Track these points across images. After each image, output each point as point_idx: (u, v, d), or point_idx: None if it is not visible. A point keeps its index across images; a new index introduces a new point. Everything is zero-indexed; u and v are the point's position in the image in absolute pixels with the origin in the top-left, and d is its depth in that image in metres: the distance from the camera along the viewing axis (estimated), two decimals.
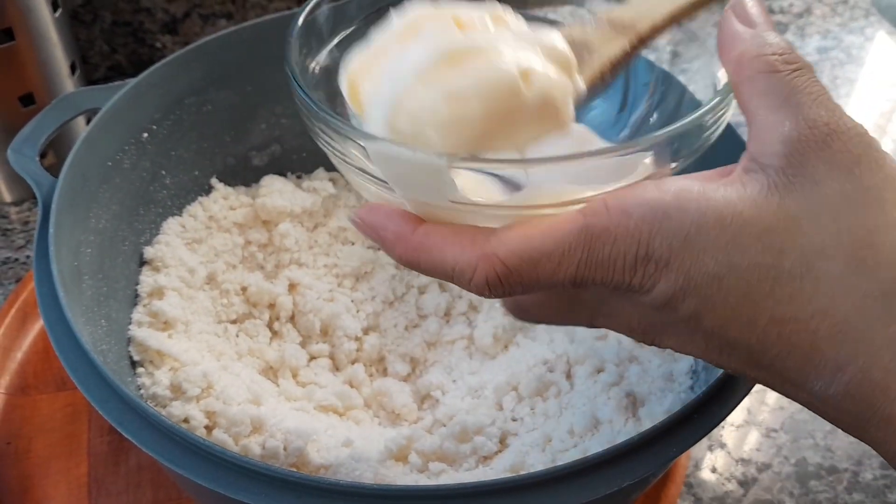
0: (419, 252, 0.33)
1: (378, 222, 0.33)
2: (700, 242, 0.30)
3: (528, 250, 0.31)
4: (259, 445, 0.47)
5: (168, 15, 0.78)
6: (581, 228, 0.31)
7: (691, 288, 0.30)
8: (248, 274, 0.58)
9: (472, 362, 0.57)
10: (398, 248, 0.33)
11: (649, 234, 0.30)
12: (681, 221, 0.30)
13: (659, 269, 0.30)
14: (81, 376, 0.39)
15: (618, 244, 0.30)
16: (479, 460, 0.50)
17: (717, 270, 0.30)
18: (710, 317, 0.30)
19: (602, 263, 0.31)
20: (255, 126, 0.61)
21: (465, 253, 0.32)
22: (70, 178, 0.47)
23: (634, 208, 0.30)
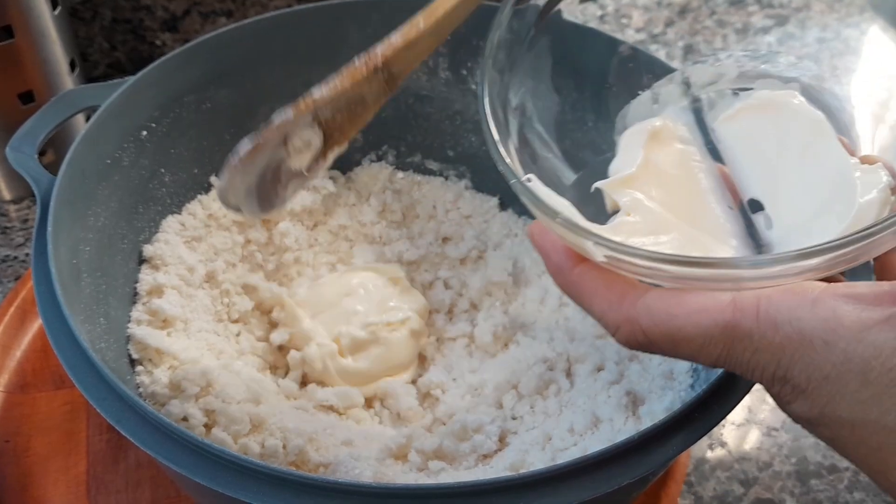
0: (572, 289, 0.35)
1: (545, 248, 0.35)
2: (838, 388, 0.28)
3: (671, 329, 0.31)
4: (258, 444, 0.47)
5: (168, 12, 0.78)
6: (725, 325, 0.30)
7: (824, 422, 0.30)
8: (250, 274, 0.58)
9: (472, 360, 0.57)
10: (556, 278, 0.35)
11: (790, 359, 0.29)
12: (824, 358, 0.28)
13: (795, 393, 0.30)
14: (79, 374, 0.39)
15: (758, 355, 0.30)
16: (479, 459, 0.49)
17: (852, 419, 0.29)
18: (842, 450, 0.30)
19: (740, 365, 0.31)
20: (255, 124, 0.59)
21: (611, 310, 0.33)
22: (69, 176, 0.47)
23: (783, 325, 0.29)
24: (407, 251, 0.62)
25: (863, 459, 0.29)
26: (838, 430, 0.29)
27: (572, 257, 0.34)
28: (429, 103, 0.63)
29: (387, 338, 0.55)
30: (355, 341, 0.55)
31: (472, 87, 0.63)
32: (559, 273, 0.35)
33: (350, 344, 0.55)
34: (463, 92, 0.63)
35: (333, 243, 0.62)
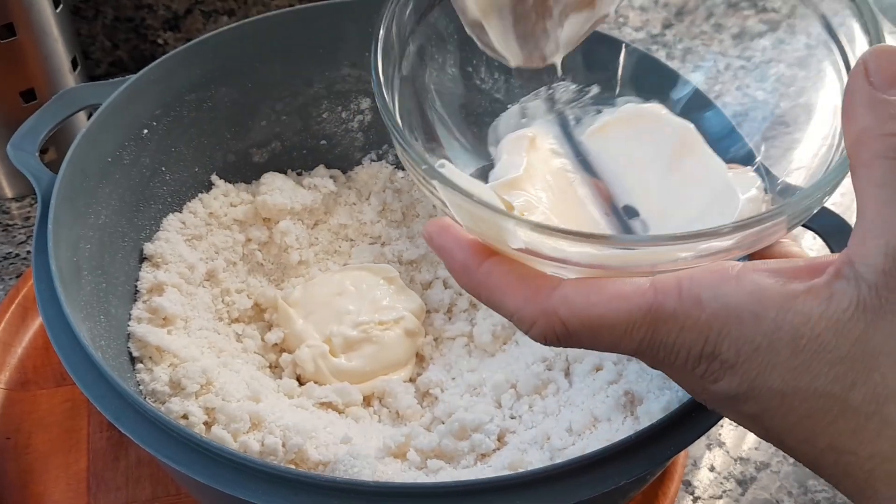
0: (480, 288, 0.33)
1: (447, 246, 0.33)
2: (769, 357, 0.28)
3: (591, 317, 0.30)
4: (258, 442, 0.47)
5: (170, 11, 0.78)
6: (649, 307, 0.29)
7: (753, 395, 0.29)
8: (250, 277, 0.58)
9: (471, 360, 0.57)
10: (462, 278, 0.33)
11: (718, 334, 0.29)
12: (754, 330, 0.28)
13: (723, 370, 0.29)
14: (79, 372, 0.39)
15: (684, 334, 0.29)
16: (478, 458, 0.50)
17: (783, 388, 0.28)
18: (770, 423, 0.30)
19: (664, 347, 0.30)
20: (256, 123, 0.60)
21: (526, 305, 0.31)
22: (69, 174, 0.47)
23: (709, 301, 0.29)
24: (407, 250, 0.62)
25: (790, 429, 0.29)
26: (768, 402, 0.29)
27: (479, 253, 0.33)
28: None
29: (379, 336, 0.55)
30: (347, 340, 0.55)
31: (476, 83, 0.63)
32: (465, 271, 0.33)
33: (342, 343, 0.55)
34: (467, 88, 0.63)
35: (334, 242, 0.62)
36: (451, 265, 0.33)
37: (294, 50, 0.59)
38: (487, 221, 0.31)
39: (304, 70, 0.60)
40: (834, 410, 0.28)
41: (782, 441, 0.30)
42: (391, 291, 0.58)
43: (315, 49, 0.60)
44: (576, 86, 0.43)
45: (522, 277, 0.32)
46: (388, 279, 0.59)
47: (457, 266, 0.33)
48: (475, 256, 0.33)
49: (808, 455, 0.29)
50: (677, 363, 0.30)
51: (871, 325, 0.27)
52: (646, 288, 0.30)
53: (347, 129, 0.64)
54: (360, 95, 0.63)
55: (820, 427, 0.28)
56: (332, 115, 0.63)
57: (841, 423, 0.28)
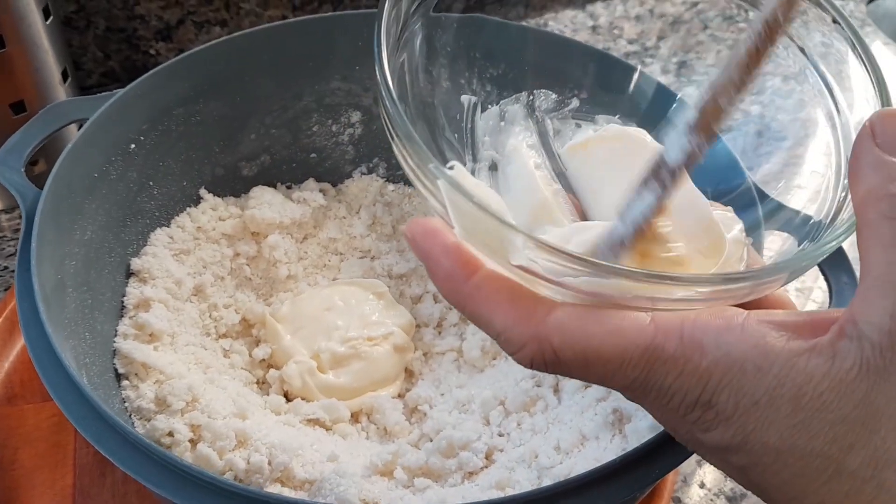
0: (467, 301, 0.31)
1: (432, 252, 0.31)
2: (769, 413, 0.28)
3: (586, 349, 0.29)
4: (244, 460, 0.47)
5: (162, 22, 0.78)
6: (647, 347, 0.28)
7: (746, 449, 0.28)
8: (238, 292, 0.58)
9: (460, 375, 0.56)
10: (445, 287, 0.31)
11: (718, 384, 0.28)
12: (755, 384, 0.28)
13: (718, 420, 0.28)
14: (61, 393, 0.39)
15: (682, 380, 0.28)
16: (465, 476, 0.49)
17: (779, 445, 0.28)
18: (759, 478, 0.29)
19: (658, 389, 0.29)
20: (245, 136, 0.60)
21: (517, 326, 0.30)
22: (55, 190, 0.47)
23: (711, 349, 0.28)
24: (396, 264, 0.61)
25: (779, 486, 0.28)
26: (760, 457, 0.28)
27: (467, 263, 0.31)
28: None
29: (368, 352, 0.55)
30: (335, 356, 0.55)
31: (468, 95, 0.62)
32: (450, 281, 0.31)
33: (330, 359, 0.55)
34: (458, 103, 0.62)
35: (323, 256, 0.62)
36: (434, 273, 0.31)
37: (284, 63, 0.59)
38: (492, 233, 0.29)
39: (294, 83, 0.60)
40: (829, 471, 0.27)
41: (769, 496, 0.29)
42: (380, 306, 0.58)
43: (305, 62, 0.59)
44: (556, 96, 0.43)
45: (514, 296, 0.30)
46: (377, 294, 0.58)
47: (441, 274, 0.31)
48: (463, 267, 0.31)
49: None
50: (669, 406, 0.29)
51: (874, 386, 0.27)
52: (646, 325, 0.29)
53: (337, 142, 0.63)
54: (351, 108, 0.62)
55: (812, 487, 0.28)
56: (322, 129, 0.63)
57: (835, 484, 0.27)
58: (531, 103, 0.42)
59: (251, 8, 0.79)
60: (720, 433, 0.29)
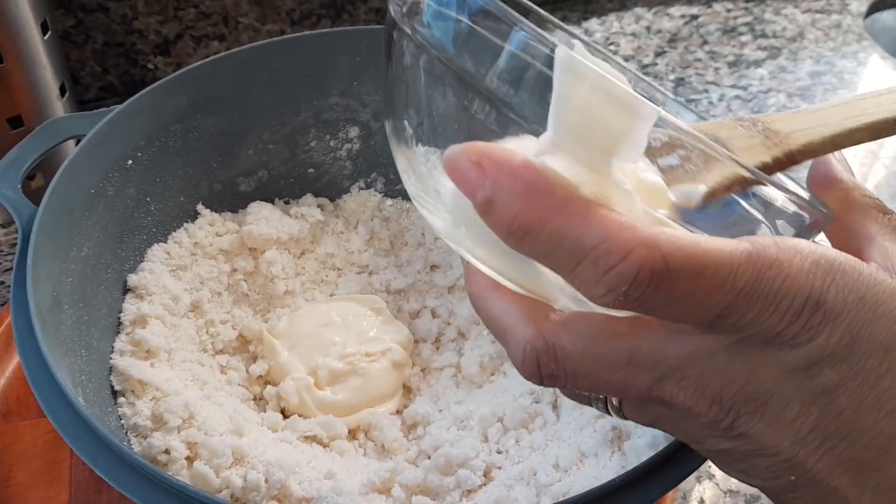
0: (553, 215, 0.27)
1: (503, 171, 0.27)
2: (876, 307, 0.27)
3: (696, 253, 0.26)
4: (240, 478, 0.47)
5: (160, 36, 0.78)
6: (751, 253, 0.27)
7: (853, 352, 0.27)
8: (235, 308, 0.58)
9: (458, 391, 0.56)
10: (517, 205, 0.27)
11: (824, 281, 0.27)
12: (857, 279, 0.27)
13: (826, 322, 0.27)
14: (56, 413, 0.39)
15: (790, 281, 0.27)
16: (463, 494, 0.49)
17: (888, 342, 0.27)
18: (850, 394, 0.27)
19: (768, 294, 0.27)
20: (243, 152, 0.60)
21: (621, 232, 0.26)
22: (51, 207, 0.47)
23: (808, 252, 0.27)
24: (395, 279, 0.61)
25: (883, 392, 0.27)
26: (863, 362, 0.27)
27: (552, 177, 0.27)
28: None
29: (366, 368, 0.55)
30: (333, 372, 0.54)
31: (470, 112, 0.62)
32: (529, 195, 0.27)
33: (328, 375, 0.54)
34: None
35: (321, 272, 0.62)
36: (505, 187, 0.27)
37: (282, 79, 0.59)
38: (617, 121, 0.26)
39: (292, 98, 0.60)
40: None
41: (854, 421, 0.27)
42: (378, 322, 0.58)
43: (303, 78, 0.59)
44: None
45: (612, 210, 0.27)
46: (375, 310, 0.58)
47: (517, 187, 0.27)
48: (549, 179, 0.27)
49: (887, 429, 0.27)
50: (768, 322, 0.27)
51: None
52: (738, 242, 0.27)
53: (335, 157, 0.63)
54: (349, 124, 0.62)
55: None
56: (320, 144, 0.63)
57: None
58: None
59: (249, 23, 0.80)
60: (825, 338, 0.27)
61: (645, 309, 0.27)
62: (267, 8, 0.79)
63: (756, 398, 0.28)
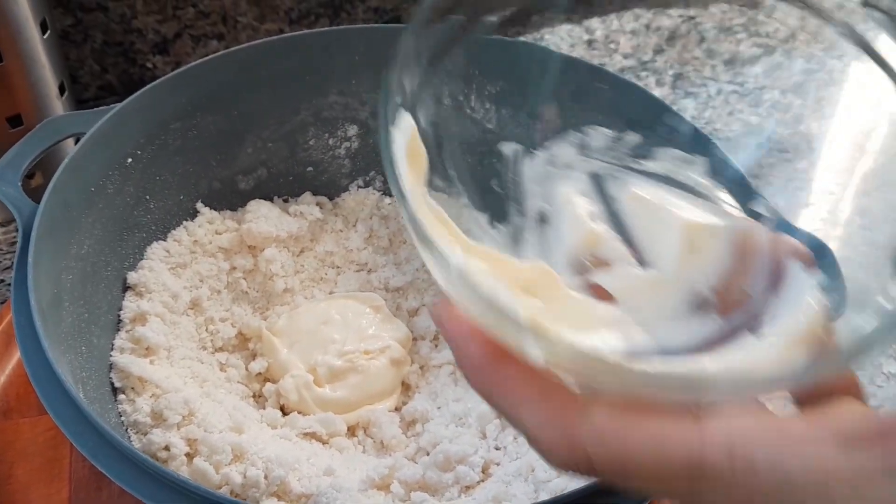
0: (493, 393, 0.28)
1: (458, 336, 0.29)
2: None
3: (623, 460, 0.26)
4: (240, 474, 0.47)
5: (159, 35, 0.78)
6: (692, 461, 0.25)
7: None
8: (235, 306, 0.58)
9: (456, 389, 0.56)
10: (471, 376, 0.29)
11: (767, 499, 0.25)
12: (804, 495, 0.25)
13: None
14: (57, 409, 0.39)
15: (731, 496, 0.25)
16: (462, 490, 0.49)
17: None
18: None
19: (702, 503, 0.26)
20: (242, 150, 0.60)
21: (548, 425, 0.27)
22: (51, 205, 0.47)
23: (765, 471, 0.25)
24: (393, 277, 0.61)
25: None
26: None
27: (496, 352, 0.28)
28: None
29: (365, 366, 0.55)
30: (332, 370, 0.55)
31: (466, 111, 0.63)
32: (476, 370, 0.28)
33: (327, 373, 0.55)
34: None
35: (320, 270, 0.62)
36: (460, 359, 0.29)
37: (281, 77, 0.59)
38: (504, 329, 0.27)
39: (291, 97, 0.60)
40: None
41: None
42: (377, 320, 0.58)
43: (302, 76, 0.60)
44: (611, 132, 0.38)
45: (545, 392, 0.27)
46: (374, 308, 0.59)
47: (467, 362, 0.29)
48: (491, 355, 0.28)
49: None
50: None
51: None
52: (691, 434, 0.26)
53: (334, 155, 0.64)
54: (347, 122, 0.63)
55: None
56: (319, 142, 0.63)
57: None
58: (582, 142, 0.38)
59: (248, 22, 0.80)
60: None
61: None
62: (265, 7, 0.79)
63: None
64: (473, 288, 0.26)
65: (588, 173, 0.37)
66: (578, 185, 0.36)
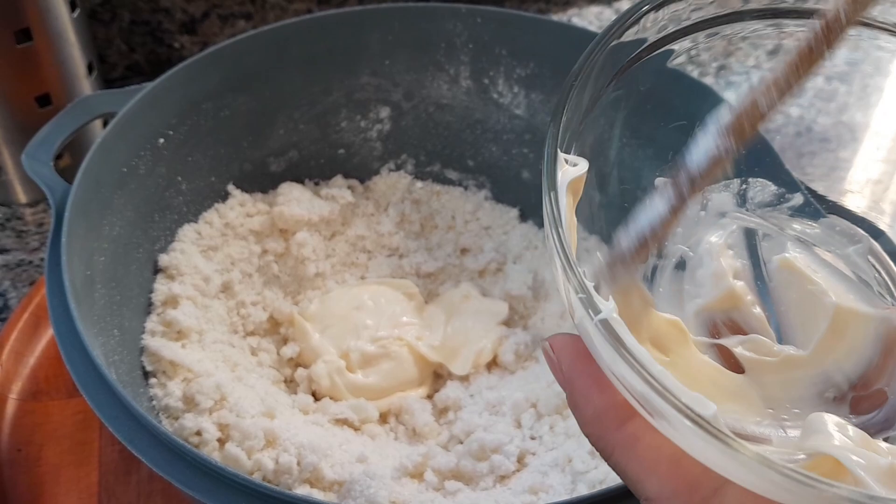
0: (615, 450, 0.27)
1: (580, 382, 0.27)
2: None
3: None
4: (272, 460, 0.46)
5: (187, 15, 0.77)
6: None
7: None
8: (266, 290, 0.57)
9: (490, 377, 0.56)
10: (591, 428, 0.27)
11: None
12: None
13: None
14: (92, 391, 0.38)
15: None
16: (497, 479, 0.48)
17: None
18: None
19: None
20: (274, 131, 0.60)
21: (675, 498, 0.26)
22: (84, 185, 0.47)
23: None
24: (425, 262, 0.61)
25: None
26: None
27: (623, 406, 0.26)
28: (449, 112, 0.62)
29: (397, 352, 0.54)
30: (364, 356, 0.54)
31: (493, 96, 0.62)
32: (599, 423, 0.27)
33: (359, 359, 0.54)
34: (484, 101, 0.62)
35: (351, 254, 0.61)
36: (580, 407, 0.27)
37: (313, 57, 0.58)
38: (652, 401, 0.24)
39: (322, 78, 0.60)
40: None
41: None
42: (412, 307, 0.57)
43: (334, 57, 0.59)
44: (776, 188, 0.36)
45: (676, 460, 0.26)
46: (407, 294, 0.58)
47: (589, 412, 0.27)
48: (618, 409, 0.26)
49: None
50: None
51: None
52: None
53: (366, 138, 0.63)
54: (380, 104, 0.62)
55: None
56: (351, 124, 0.62)
57: None
58: (743, 193, 0.36)
59: (276, 1, 0.79)
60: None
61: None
62: None
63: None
64: (622, 345, 0.24)
65: (741, 226, 0.35)
66: (728, 237, 0.34)
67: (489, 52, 0.59)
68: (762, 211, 0.35)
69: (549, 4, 0.89)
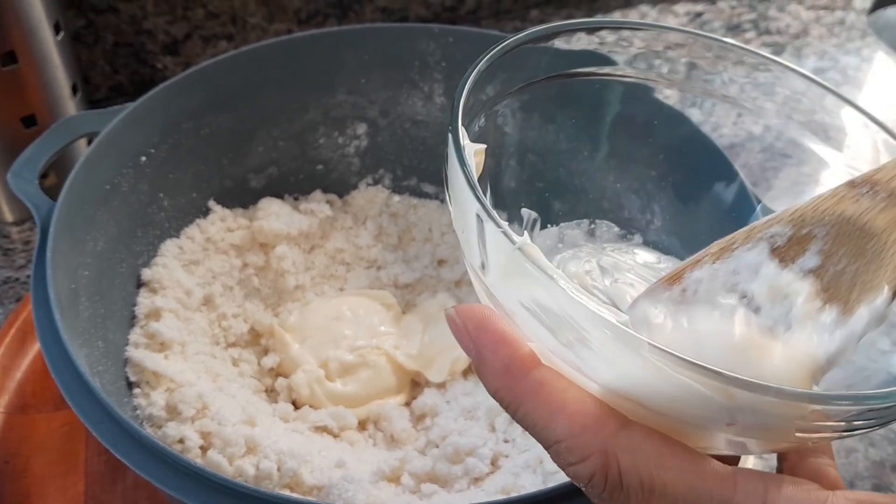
0: (524, 398, 0.27)
1: (484, 343, 0.28)
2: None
3: (654, 480, 0.26)
4: (253, 466, 0.48)
5: (169, 36, 0.79)
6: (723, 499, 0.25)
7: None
8: (247, 302, 0.59)
9: (466, 383, 0.57)
10: (498, 381, 0.28)
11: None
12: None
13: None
14: (77, 399, 0.40)
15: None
16: (471, 482, 0.50)
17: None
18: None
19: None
20: (253, 149, 0.61)
21: (583, 434, 0.26)
22: (68, 202, 0.48)
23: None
24: (402, 274, 0.62)
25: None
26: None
27: (527, 357, 0.27)
28: (424, 128, 0.64)
29: (376, 361, 0.56)
30: (343, 365, 0.55)
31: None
32: (506, 374, 0.27)
33: (338, 368, 0.55)
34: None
35: (330, 267, 0.62)
36: (485, 363, 0.28)
37: (291, 77, 0.60)
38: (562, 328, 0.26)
39: (300, 96, 0.61)
40: None
41: None
42: (389, 317, 0.59)
43: (312, 76, 0.60)
44: (619, 230, 0.41)
45: (582, 400, 0.27)
46: (385, 305, 0.59)
47: (495, 366, 0.27)
48: (522, 360, 0.27)
49: None
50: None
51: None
52: (728, 477, 0.26)
53: (344, 154, 0.64)
54: (356, 121, 0.63)
55: None
56: (329, 141, 0.64)
57: None
58: (592, 231, 0.41)
59: (257, 22, 0.81)
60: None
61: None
62: (274, 7, 0.80)
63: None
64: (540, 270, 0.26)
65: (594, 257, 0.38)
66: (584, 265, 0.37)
67: (462, 70, 0.61)
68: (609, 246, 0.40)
69: (525, 23, 0.91)
